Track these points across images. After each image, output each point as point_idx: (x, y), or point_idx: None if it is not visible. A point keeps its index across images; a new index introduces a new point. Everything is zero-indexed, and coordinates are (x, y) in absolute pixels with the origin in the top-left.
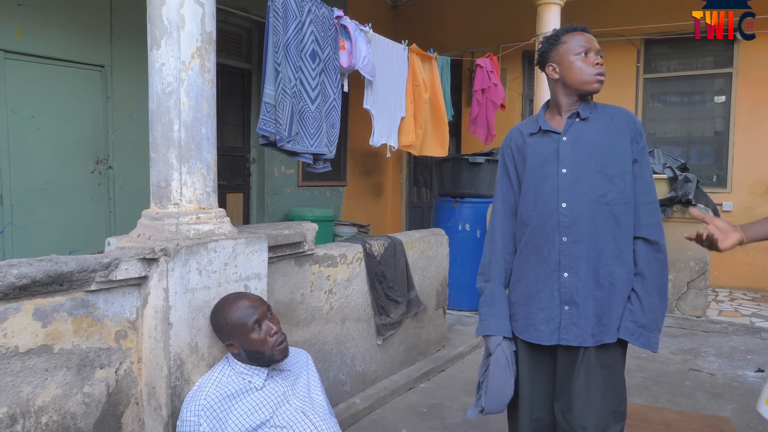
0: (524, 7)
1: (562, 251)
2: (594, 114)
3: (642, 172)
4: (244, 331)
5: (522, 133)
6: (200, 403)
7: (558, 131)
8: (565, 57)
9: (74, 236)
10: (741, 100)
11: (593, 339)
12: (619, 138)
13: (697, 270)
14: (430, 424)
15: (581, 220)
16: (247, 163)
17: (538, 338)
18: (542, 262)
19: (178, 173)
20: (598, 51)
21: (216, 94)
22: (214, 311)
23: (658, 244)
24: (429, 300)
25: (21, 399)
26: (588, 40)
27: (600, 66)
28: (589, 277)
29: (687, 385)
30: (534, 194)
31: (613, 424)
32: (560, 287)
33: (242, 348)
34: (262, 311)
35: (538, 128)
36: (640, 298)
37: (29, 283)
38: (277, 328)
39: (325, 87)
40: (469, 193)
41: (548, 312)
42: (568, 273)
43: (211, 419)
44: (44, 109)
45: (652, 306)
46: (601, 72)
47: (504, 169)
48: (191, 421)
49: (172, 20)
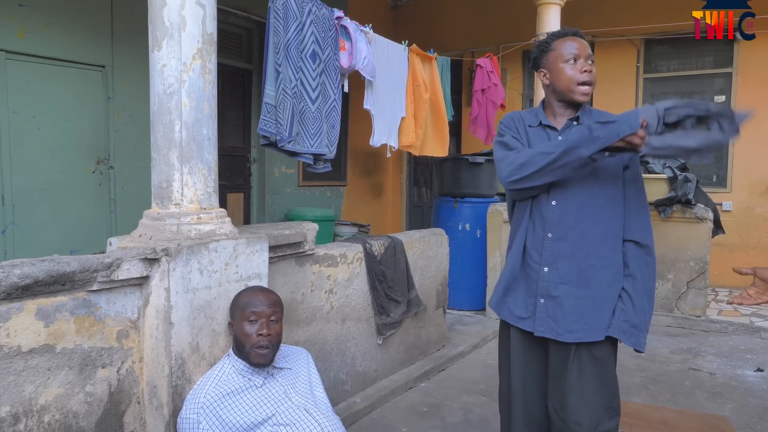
0: (524, 7)
1: (545, 246)
2: (590, 118)
3: (633, 177)
4: (241, 316)
5: (523, 120)
6: (200, 401)
7: (555, 127)
8: (554, 64)
9: (75, 236)
10: (741, 100)
11: (572, 335)
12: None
13: (697, 269)
14: (430, 423)
15: (568, 219)
16: (247, 163)
17: (514, 321)
18: (526, 253)
19: (180, 174)
20: (588, 57)
21: (216, 94)
22: (238, 292)
23: (648, 248)
24: (429, 300)
25: (24, 398)
26: (579, 47)
27: (588, 73)
28: (572, 275)
29: (686, 385)
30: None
31: (607, 420)
32: (538, 280)
33: (234, 333)
34: (267, 312)
35: (538, 122)
36: (632, 298)
37: (32, 283)
38: (267, 333)
39: (325, 87)
40: (470, 193)
41: (524, 300)
42: (548, 268)
43: (211, 417)
44: (45, 110)
45: (642, 306)
46: (587, 80)
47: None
48: (191, 419)
49: (174, 22)
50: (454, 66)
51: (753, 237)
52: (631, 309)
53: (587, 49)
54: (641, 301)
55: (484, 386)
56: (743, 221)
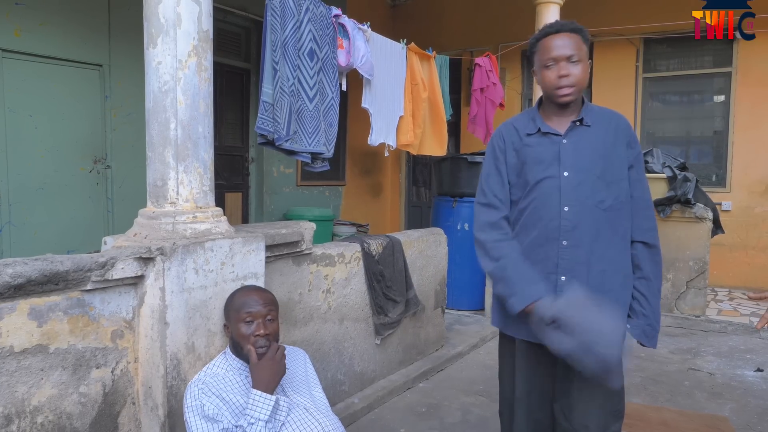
0: (523, 6)
1: (561, 254)
2: (593, 118)
3: (638, 177)
4: (237, 318)
5: (518, 131)
6: (199, 386)
7: (558, 132)
8: (538, 65)
9: (72, 236)
10: (740, 99)
11: None
12: (617, 143)
13: (697, 269)
14: (429, 423)
15: (582, 225)
16: (245, 163)
17: (528, 335)
18: (539, 264)
19: (175, 172)
20: (568, 57)
21: (214, 92)
22: (231, 293)
23: (656, 248)
24: (427, 299)
25: (16, 399)
26: (558, 46)
27: (565, 77)
28: (589, 282)
29: (686, 385)
30: (533, 195)
31: (613, 423)
32: (556, 289)
33: (231, 334)
34: (263, 312)
35: (536, 129)
36: (649, 300)
37: (24, 282)
38: (264, 333)
39: (323, 86)
40: (468, 193)
41: None
42: (565, 276)
43: (212, 396)
44: (42, 109)
45: (657, 307)
46: (562, 85)
47: (494, 160)
48: (194, 406)
49: (169, 18)
50: (453, 65)
51: (752, 236)
52: (651, 311)
53: (568, 48)
54: (656, 302)
55: (483, 386)
56: (742, 221)
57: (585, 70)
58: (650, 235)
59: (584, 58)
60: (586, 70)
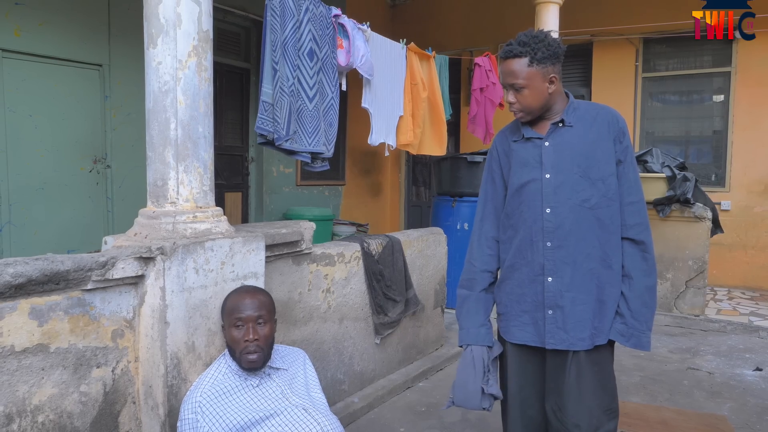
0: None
1: (546, 256)
2: (577, 117)
3: (626, 172)
4: (229, 321)
5: (508, 138)
6: (197, 399)
7: (540, 136)
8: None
9: (72, 235)
10: (740, 99)
11: (584, 343)
12: (601, 140)
13: (696, 269)
14: (428, 423)
15: (565, 225)
16: (245, 163)
17: (522, 339)
18: (527, 266)
19: (175, 172)
20: (512, 85)
21: (214, 92)
22: (227, 295)
23: (645, 244)
24: (427, 299)
25: (17, 398)
26: (503, 74)
27: (511, 104)
28: (575, 281)
29: (685, 384)
30: (519, 199)
31: (606, 422)
32: (544, 291)
33: (225, 337)
34: (252, 316)
35: (521, 135)
36: (628, 300)
37: (25, 282)
38: (254, 337)
39: (323, 86)
40: (468, 192)
41: (532, 315)
42: (552, 278)
43: (208, 415)
44: (42, 109)
45: (640, 307)
46: (512, 110)
47: (490, 172)
48: (189, 419)
49: (169, 18)
50: (453, 65)
51: (751, 236)
52: (627, 311)
53: (510, 76)
54: (638, 302)
55: None
56: (742, 220)
57: (533, 93)
58: (636, 231)
59: (532, 81)
60: (538, 91)
